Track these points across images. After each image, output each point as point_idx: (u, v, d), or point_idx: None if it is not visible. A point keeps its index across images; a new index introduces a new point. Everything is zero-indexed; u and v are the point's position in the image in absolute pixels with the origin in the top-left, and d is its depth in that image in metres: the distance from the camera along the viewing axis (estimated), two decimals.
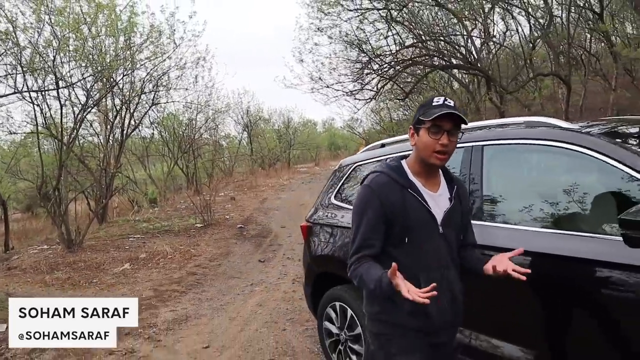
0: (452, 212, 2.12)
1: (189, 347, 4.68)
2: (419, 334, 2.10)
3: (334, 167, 4.44)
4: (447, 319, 2.12)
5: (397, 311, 2.07)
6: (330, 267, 3.84)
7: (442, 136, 1.99)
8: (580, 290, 2.25)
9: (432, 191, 2.12)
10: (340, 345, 3.71)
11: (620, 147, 2.26)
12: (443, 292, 2.02)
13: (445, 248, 2.11)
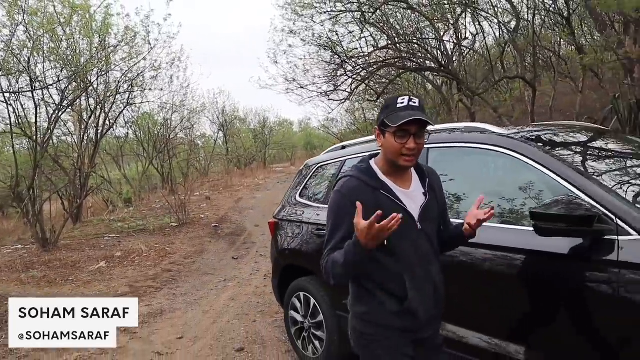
0: (428, 206, 2.11)
1: (164, 338, 4.95)
2: (404, 334, 2.09)
3: (300, 168, 4.77)
4: (431, 314, 2.12)
5: (383, 312, 2.07)
6: (295, 260, 4.17)
7: (408, 140, 1.96)
8: (506, 274, 2.60)
9: (405, 188, 2.10)
10: (304, 332, 4.04)
11: (538, 150, 2.63)
12: (428, 287, 2.08)
13: (426, 243, 2.10)
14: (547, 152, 2.62)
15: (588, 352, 2.31)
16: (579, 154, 2.88)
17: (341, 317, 3.63)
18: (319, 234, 3.83)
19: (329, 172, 4.16)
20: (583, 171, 2.52)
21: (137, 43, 11.88)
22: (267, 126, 31.93)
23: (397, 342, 2.09)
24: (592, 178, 2.46)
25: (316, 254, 3.83)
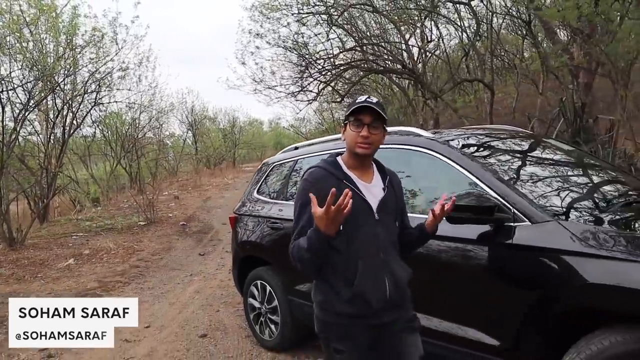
0: (386, 199, 2.28)
1: (132, 327, 5.30)
2: (355, 320, 2.20)
3: (258, 166, 5.19)
4: (387, 299, 2.21)
5: (337, 300, 2.20)
6: (253, 251, 4.59)
7: (362, 129, 2.18)
8: (430, 257, 3.06)
9: (366, 182, 2.28)
10: (261, 317, 4.47)
11: (455, 150, 3.10)
12: (382, 273, 2.21)
13: (382, 234, 2.24)
14: (461, 152, 3.10)
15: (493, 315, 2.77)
16: (489, 153, 3.37)
17: (293, 302, 4.07)
18: (273, 226, 4.26)
19: (284, 170, 4.59)
20: (490, 168, 3.00)
21: (105, 44, 12.10)
22: (236, 126, 32.22)
23: (348, 329, 2.22)
24: (497, 174, 2.94)
25: (272, 246, 4.29)
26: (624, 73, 8.07)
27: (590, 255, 2.38)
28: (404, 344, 2.32)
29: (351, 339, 2.23)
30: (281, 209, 4.31)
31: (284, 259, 4.10)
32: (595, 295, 2.37)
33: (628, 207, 2.96)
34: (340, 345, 2.24)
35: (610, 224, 2.66)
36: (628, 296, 2.24)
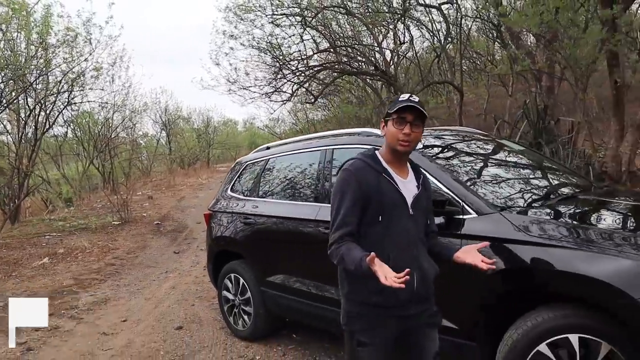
0: (420, 196, 2.38)
1: (109, 322, 5.51)
2: (381, 310, 2.28)
3: (232, 165, 5.45)
4: (414, 292, 2.30)
5: (364, 290, 2.28)
6: (227, 246, 4.84)
7: (405, 126, 2.25)
8: None
9: (403, 178, 2.37)
10: (235, 309, 4.73)
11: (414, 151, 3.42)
12: (412, 269, 2.18)
13: (414, 229, 2.34)
14: (420, 152, 3.41)
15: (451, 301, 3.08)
16: (446, 153, 3.69)
17: (265, 293, 4.35)
18: (246, 222, 4.53)
19: (256, 169, 4.86)
20: (444, 167, 3.32)
21: (79, 44, 12.17)
22: (210, 126, 32.26)
23: (372, 319, 2.29)
24: (450, 172, 3.26)
25: (245, 240, 4.56)
26: (583, 77, 8.52)
27: (529, 242, 2.72)
28: (427, 338, 2.43)
29: (376, 331, 2.30)
30: (254, 205, 4.59)
31: (256, 252, 4.43)
32: (533, 277, 2.71)
33: (566, 200, 3.32)
34: (365, 337, 2.31)
35: (548, 215, 2.99)
36: (560, 278, 2.58)
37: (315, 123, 25.49)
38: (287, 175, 4.48)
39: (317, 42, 17.24)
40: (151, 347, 4.69)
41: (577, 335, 2.53)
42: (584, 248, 2.57)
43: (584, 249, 2.57)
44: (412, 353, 2.44)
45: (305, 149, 4.34)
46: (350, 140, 3.90)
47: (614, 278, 2.42)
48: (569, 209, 3.17)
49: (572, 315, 2.58)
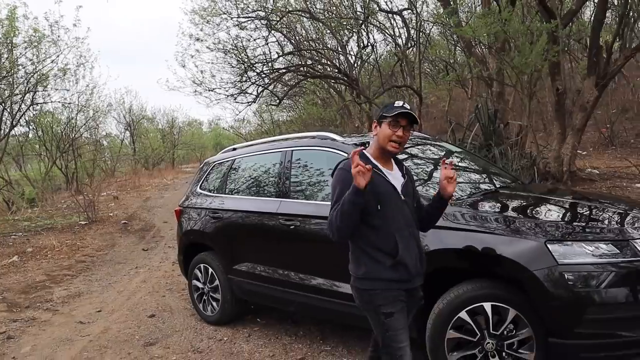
0: (406, 185, 2.74)
1: (84, 312, 5.92)
2: (399, 284, 2.61)
3: (200, 165, 5.94)
4: (417, 268, 2.68)
5: (380, 268, 2.58)
6: (197, 238, 5.33)
7: (399, 129, 2.59)
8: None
9: (389, 170, 2.73)
10: (204, 296, 5.22)
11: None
12: (412, 245, 2.65)
13: (408, 212, 2.69)
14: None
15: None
16: None
17: (232, 280, 4.85)
18: (214, 216, 5.04)
19: (223, 168, 5.36)
20: None
21: (45, 45, 12.41)
22: (175, 126, 32.37)
23: (394, 293, 2.62)
24: None
25: (213, 233, 5.06)
26: (527, 84, 9.27)
27: (456, 229, 3.31)
28: (409, 312, 2.77)
29: (397, 301, 2.62)
30: (222, 201, 5.09)
31: (224, 243, 4.96)
32: (459, 257, 3.31)
33: (490, 194, 3.94)
34: (390, 308, 2.60)
35: (472, 207, 3.58)
36: (480, 257, 3.17)
37: (281, 124, 25.95)
38: (251, 174, 5.00)
39: (282, 45, 17.78)
40: (126, 333, 5.13)
41: (490, 303, 3.13)
42: (499, 233, 3.17)
43: (499, 233, 3.17)
44: None
45: (268, 150, 4.88)
46: (308, 142, 4.46)
47: (518, 256, 3.03)
48: (490, 202, 3.77)
49: (486, 287, 3.19)
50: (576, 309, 2.89)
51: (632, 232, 3.11)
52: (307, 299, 4.17)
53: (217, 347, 4.59)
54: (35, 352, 4.81)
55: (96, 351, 4.71)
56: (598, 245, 2.99)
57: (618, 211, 3.60)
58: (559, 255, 2.94)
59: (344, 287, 3.83)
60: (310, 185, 4.35)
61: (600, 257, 2.94)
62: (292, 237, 4.21)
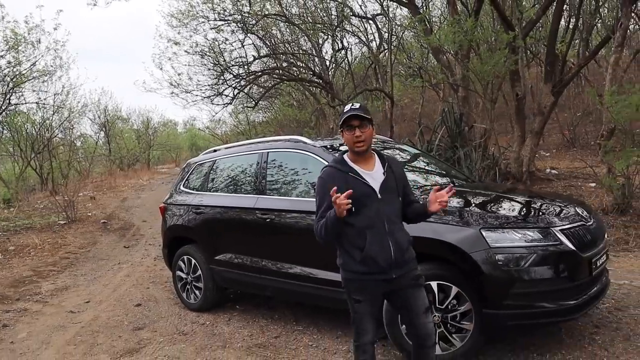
0: (387, 181, 2.92)
1: (73, 303, 6.39)
2: (367, 276, 2.88)
3: (183, 165, 6.49)
4: (392, 260, 2.86)
5: (352, 261, 2.90)
6: (181, 233, 5.87)
7: (354, 131, 2.85)
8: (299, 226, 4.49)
9: (369, 170, 2.93)
10: (187, 285, 5.75)
11: (324, 151, 4.56)
12: (386, 240, 2.86)
13: (386, 208, 2.88)
14: (330, 153, 4.55)
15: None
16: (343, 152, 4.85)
17: (213, 270, 5.40)
18: (197, 212, 5.58)
19: (204, 169, 5.91)
20: None
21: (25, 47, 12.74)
22: (150, 127, 32.57)
23: (362, 283, 2.92)
24: None
25: (196, 227, 5.60)
26: (487, 90, 9.99)
27: None
28: (412, 297, 2.97)
29: (365, 291, 2.94)
30: (204, 198, 5.64)
31: (206, 236, 5.50)
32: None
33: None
34: (358, 296, 2.95)
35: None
36: (432, 243, 3.76)
37: (257, 125, 26.45)
38: (231, 174, 5.56)
39: (258, 48, 18.32)
40: (116, 320, 5.64)
41: (437, 282, 3.75)
42: (446, 223, 3.78)
43: (446, 223, 3.77)
44: (402, 311, 3.11)
45: (246, 152, 5.46)
46: (282, 145, 5.05)
47: (459, 242, 3.66)
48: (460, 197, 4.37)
49: (434, 269, 3.79)
50: (505, 284, 3.52)
51: (555, 222, 3.76)
52: (282, 284, 4.76)
53: (200, 329, 5.12)
54: (32, 338, 5.28)
55: (89, 335, 5.20)
56: (525, 232, 3.63)
57: (550, 205, 4.25)
58: (491, 240, 3.57)
59: (315, 273, 4.45)
60: (284, 183, 4.93)
61: (526, 242, 3.58)
62: (268, 229, 4.79)
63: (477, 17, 9.98)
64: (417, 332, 2.98)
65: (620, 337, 4.05)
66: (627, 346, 3.88)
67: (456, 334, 3.72)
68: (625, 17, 7.70)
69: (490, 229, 3.63)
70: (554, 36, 9.57)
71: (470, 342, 3.70)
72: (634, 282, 5.49)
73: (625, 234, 7.46)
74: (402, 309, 3.07)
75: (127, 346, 4.83)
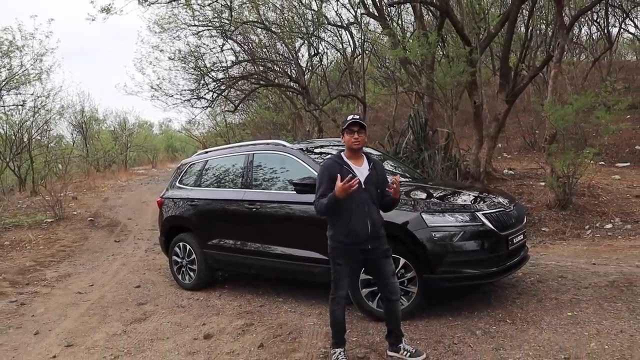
0: (370, 176, 3.97)
1: (79, 287, 7.40)
2: (349, 246, 3.91)
3: (177, 165, 7.58)
4: (369, 234, 3.89)
5: (338, 233, 3.92)
6: (177, 222, 6.94)
7: (354, 134, 3.92)
8: (279, 214, 5.61)
9: (358, 166, 3.99)
10: (182, 268, 6.83)
11: (301, 153, 5.69)
12: (366, 219, 3.88)
13: (366, 195, 3.91)
14: (306, 155, 5.68)
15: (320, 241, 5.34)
16: (319, 154, 5.95)
17: (206, 253, 6.48)
18: (192, 204, 6.66)
19: (197, 168, 7.00)
20: (314, 159, 5.55)
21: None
22: (126, 128, 33.27)
23: (345, 252, 3.96)
24: (317, 163, 5.52)
25: (191, 217, 6.66)
26: (449, 98, 11.21)
27: None
28: (383, 265, 4.05)
29: (346, 257, 3.98)
30: (198, 193, 6.73)
31: (200, 225, 6.58)
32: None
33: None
34: (340, 260, 3.99)
35: None
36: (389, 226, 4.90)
37: (234, 127, 27.43)
38: (222, 171, 6.66)
39: (236, 53, 19.36)
40: (120, 298, 6.68)
41: None
42: (398, 209, 4.90)
43: (398, 209, 4.89)
44: (377, 274, 4.13)
45: (234, 153, 6.58)
46: (264, 148, 6.21)
47: (407, 224, 4.81)
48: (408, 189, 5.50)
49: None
50: (439, 255, 4.70)
51: (480, 208, 4.95)
52: (266, 262, 5.89)
53: (196, 303, 6.20)
54: (49, 312, 6.30)
55: (100, 309, 6.24)
56: (456, 215, 4.81)
57: (479, 196, 5.43)
58: (429, 221, 4.74)
59: (293, 252, 5.58)
60: (266, 180, 6.06)
61: (456, 223, 4.76)
62: (254, 217, 5.91)
63: (440, 33, 11.21)
64: (386, 289, 4.09)
65: (534, 301, 5.26)
66: (538, 306, 5.08)
67: (404, 296, 4.86)
68: (562, 39, 9.01)
69: (429, 213, 4.80)
70: (507, 51, 10.85)
71: (415, 302, 4.87)
72: (559, 263, 6.75)
73: (563, 226, 8.77)
74: (375, 274, 4.18)
75: (134, 316, 5.88)
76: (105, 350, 4.88)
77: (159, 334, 5.22)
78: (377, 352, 4.30)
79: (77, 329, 5.59)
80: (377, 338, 4.57)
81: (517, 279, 6.00)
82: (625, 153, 14.56)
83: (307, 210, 5.25)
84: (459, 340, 4.39)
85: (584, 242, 8.08)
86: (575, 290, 5.47)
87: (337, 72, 20.64)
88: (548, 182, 9.42)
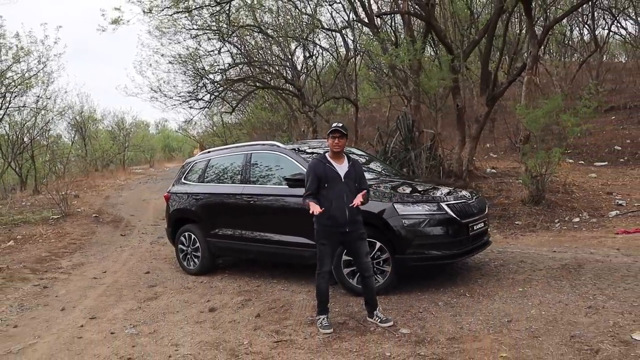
0: (349, 172, 4.91)
1: (93, 273, 8.34)
2: (330, 228, 4.83)
3: (182, 163, 8.56)
4: (347, 220, 4.82)
5: (322, 217, 4.75)
6: (183, 215, 7.90)
7: (335, 140, 4.86)
8: (274, 205, 6.57)
9: (339, 164, 4.92)
10: (188, 255, 7.78)
11: (294, 153, 6.65)
12: (344, 207, 4.77)
13: (345, 189, 4.83)
14: (297, 154, 6.64)
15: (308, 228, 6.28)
16: (310, 153, 6.89)
17: (209, 242, 7.43)
18: (196, 198, 7.62)
19: (201, 165, 7.96)
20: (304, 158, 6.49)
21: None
22: (124, 128, 34.15)
23: (327, 233, 4.90)
24: (307, 161, 6.52)
25: (196, 209, 7.62)
26: (434, 101, 12.20)
27: None
28: (359, 246, 4.99)
29: (328, 238, 4.92)
30: (202, 188, 7.70)
31: (204, 216, 7.53)
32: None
33: (379, 180, 6.68)
34: (324, 241, 4.93)
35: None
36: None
37: (231, 127, 28.35)
38: (223, 169, 7.62)
39: (233, 56, 20.28)
40: (132, 282, 7.63)
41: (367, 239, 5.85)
42: (375, 200, 5.85)
43: (375, 200, 5.84)
44: (354, 254, 5.09)
45: (234, 153, 7.55)
46: (261, 148, 7.19)
47: (381, 212, 5.76)
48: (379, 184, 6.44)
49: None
50: (409, 239, 5.65)
51: (444, 199, 5.91)
52: (262, 248, 6.86)
53: (200, 285, 7.16)
54: (71, 294, 7.23)
55: (115, 290, 7.19)
56: (423, 205, 5.78)
57: (446, 190, 6.39)
58: (400, 210, 5.69)
59: (286, 238, 6.54)
60: (262, 176, 7.03)
61: (424, 211, 5.72)
62: (252, 209, 6.87)
63: (426, 40, 12.19)
64: (361, 267, 5.05)
65: (494, 280, 6.22)
66: (495, 284, 6.04)
67: (379, 274, 5.81)
68: (534, 48, 9.98)
69: (400, 202, 5.77)
70: (487, 57, 11.82)
71: (389, 280, 5.82)
72: (524, 251, 7.71)
73: (535, 220, 9.75)
74: (352, 254, 5.17)
75: (147, 296, 6.83)
76: (124, 321, 5.82)
77: (169, 308, 6.17)
78: (355, 319, 5.25)
79: (97, 305, 6.53)
80: (355, 309, 5.52)
81: (483, 263, 6.97)
82: (604, 153, 15.56)
83: (299, 202, 6.03)
84: (424, 309, 5.36)
85: (551, 234, 9.03)
86: (530, 272, 6.42)
87: (331, 74, 21.56)
88: (523, 179, 10.39)
